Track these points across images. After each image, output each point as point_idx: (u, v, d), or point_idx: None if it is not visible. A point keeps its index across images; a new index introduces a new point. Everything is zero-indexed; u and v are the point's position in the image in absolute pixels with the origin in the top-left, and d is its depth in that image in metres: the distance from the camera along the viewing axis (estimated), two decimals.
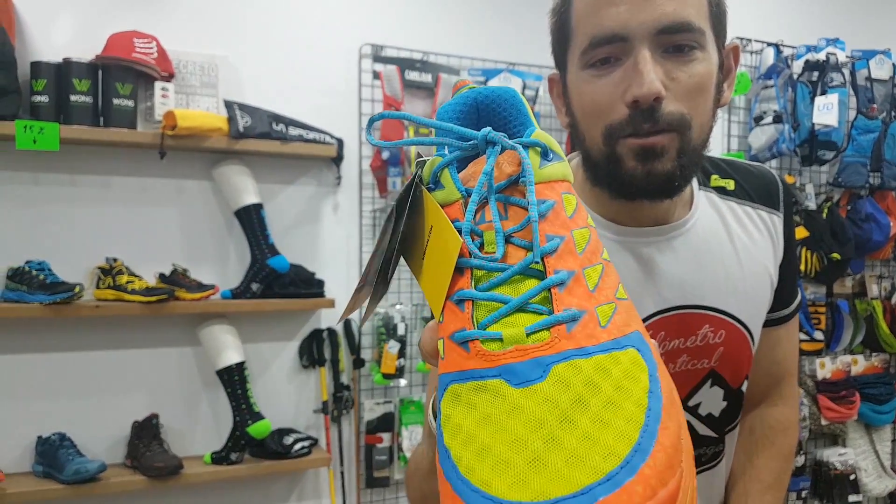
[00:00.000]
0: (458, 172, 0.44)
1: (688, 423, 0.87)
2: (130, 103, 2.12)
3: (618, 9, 0.70)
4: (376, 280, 0.48)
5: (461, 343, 0.38)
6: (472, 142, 0.43)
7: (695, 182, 0.87)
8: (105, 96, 2.10)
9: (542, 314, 0.37)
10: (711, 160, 0.91)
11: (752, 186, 0.90)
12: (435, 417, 0.46)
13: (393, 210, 0.46)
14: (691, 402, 0.89)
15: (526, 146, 0.42)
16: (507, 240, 0.40)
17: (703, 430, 0.91)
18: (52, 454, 2.06)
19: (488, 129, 0.42)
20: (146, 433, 2.18)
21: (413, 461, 0.75)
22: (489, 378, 0.36)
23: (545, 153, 0.42)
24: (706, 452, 0.92)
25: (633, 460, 0.31)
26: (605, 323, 0.37)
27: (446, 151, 0.44)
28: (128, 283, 2.11)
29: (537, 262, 0.38)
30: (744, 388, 0.93)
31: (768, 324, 0.93)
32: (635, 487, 0.30)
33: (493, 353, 0.36)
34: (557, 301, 0.37)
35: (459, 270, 0.40)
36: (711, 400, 0.89)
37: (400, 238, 0.46)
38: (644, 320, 0.82)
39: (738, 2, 2.62)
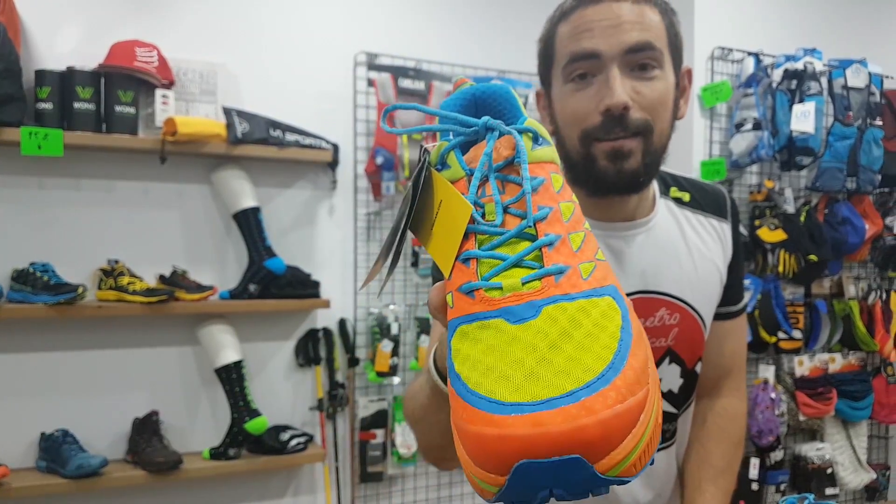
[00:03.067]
0: (462, 155, 0.50)
1: None
2: (132, 110, 2.14)
3: (592, 34, 0.83)
4: (390, 254, 0.55)
5: (468, 292, 0.45)
6: (473, 128, 0.49)
7: (657, 190, 0.99)
8: (108, 103, 2.12)
9: (534, 268, 0.44)
10: (672, 176, 1.03)
11: (704, 199, 1.03)
12: (436, 362, 0.64)
13: (409, 190, 0.52)
14: None
15: (520, 132, 0.48)
16: (505, 210, 0.46)
17: (665, 406, 0.98)
18: (56, 450, 2.08)
19: (487, 117, 0.49)
20: (147, 429, 2.20)
21: (410, 390, 0.84)
22: (491, 318, 0.43)
23: (536, 138, 0.49)
24: (668, 429, 1.00)
25: (607, 374, 0.38)
26: (587, 276, 0.44)
27: (451, 137, 0.51)
28: (129, 284, 2.13)
29: (530, 227, 0.45)
30: (697, 368, 1.03)
31: (719, 317, 1.04)
32: (609, 393, 0.37)
33: (494, 299, 0.43)
34: (547, 258, 0.44)
35: (465, 236, 0.46)
36: (670, 376, 0.99)
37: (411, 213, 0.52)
38: None
39: (720, 13, 2.66)
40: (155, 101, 2.18)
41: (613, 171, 0.85)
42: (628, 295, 0.90)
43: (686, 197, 1.01)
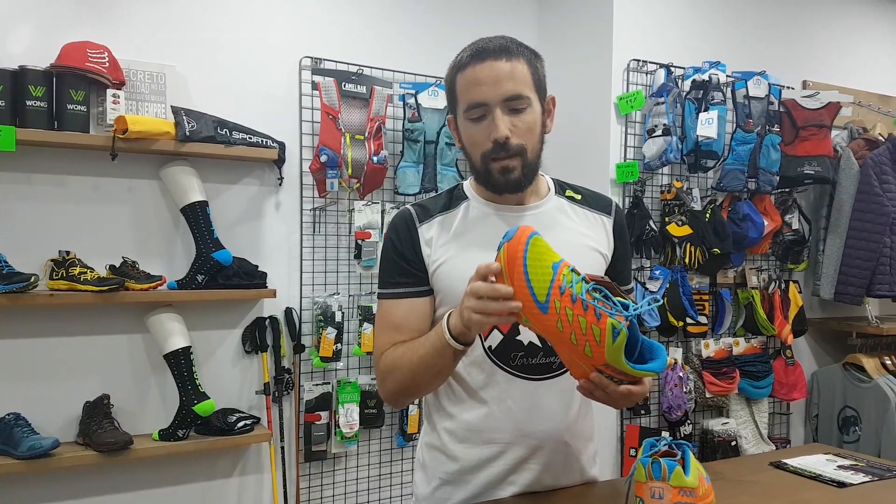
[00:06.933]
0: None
1: (539, 337, 1.18)
2: (83, 109, 2.17)
3: (480, 88, 1.16)
4: None
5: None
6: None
7: (553, 190, 1.30)
8: (59, 102, 2.14)
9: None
10: (573, 185, 1.35)
11: (592, 200, 1.33)
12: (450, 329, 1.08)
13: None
14: None
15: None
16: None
17: (539, 340, 1.20)
18: (8, 432, 2.09)
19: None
20: (97, 412, 2.22)
21: (405, 353, 1.17)
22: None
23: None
24: (555, 361, 1.21)
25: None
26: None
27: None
28: (80, 274, 2.16)
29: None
30: None
31: None
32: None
33: None
34: None
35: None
36: None
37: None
38: None
39: (636, 28, 2.83)
40: (106, 100, 2.21)
41: (503, 181, 1.20)
42: None
43: (577, 196, 1.32)
